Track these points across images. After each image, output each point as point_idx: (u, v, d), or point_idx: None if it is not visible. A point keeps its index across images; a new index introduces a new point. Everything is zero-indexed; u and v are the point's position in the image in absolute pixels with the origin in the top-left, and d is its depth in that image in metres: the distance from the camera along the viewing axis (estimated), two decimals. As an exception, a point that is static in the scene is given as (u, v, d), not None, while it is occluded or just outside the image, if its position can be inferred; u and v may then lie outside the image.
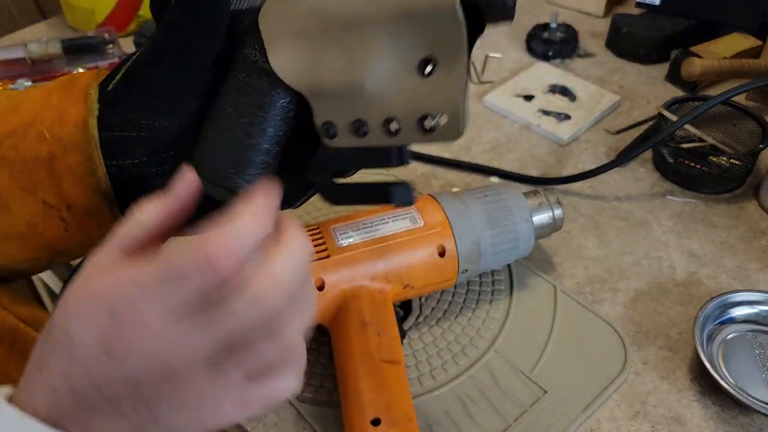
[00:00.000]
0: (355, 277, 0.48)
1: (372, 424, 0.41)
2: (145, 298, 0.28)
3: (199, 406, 0.30)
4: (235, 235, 0.29)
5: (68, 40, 0.84)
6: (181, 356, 0.29)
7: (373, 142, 0.35)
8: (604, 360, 0.51)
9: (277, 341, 0.30)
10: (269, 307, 0.29)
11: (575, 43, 0.87)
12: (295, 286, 0.30)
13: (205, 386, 0.29)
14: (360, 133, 0.35)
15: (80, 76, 0.41)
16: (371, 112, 0.35)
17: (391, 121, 0.34)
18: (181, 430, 0.30)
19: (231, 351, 0.29)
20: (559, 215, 0.55)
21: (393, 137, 0.34)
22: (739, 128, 0.69)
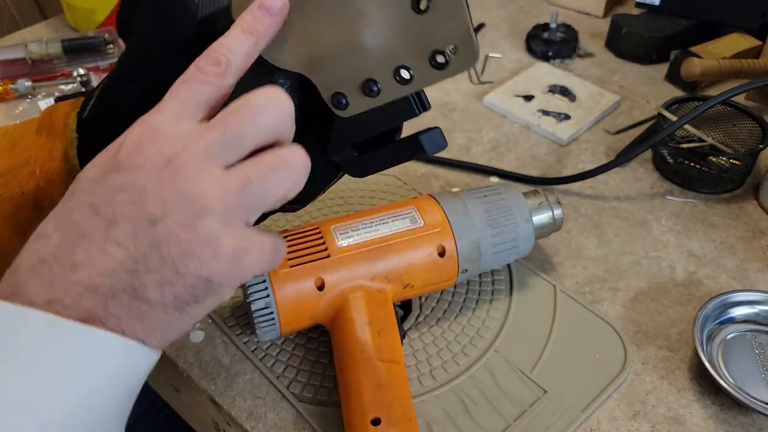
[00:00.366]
0: (355, 277, 0.48)
1: (372, 424, 0.41)
2: (155, 112, 0.32)
3: (206, 232, 0.31)
4: (217, 44, 0.33)
5: (68, 40, 0.84)
6: (190, 154, 0.31)
7: (388, 98, 0.34)
8: (604, 360, 0.51)
9: (276, 149, 0.32)
10: (266, 117, 0.32)
11: (575, 43, 0.87)
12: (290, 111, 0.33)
13: (210, 184, 0.31)
14: (373, 93, 0.34)
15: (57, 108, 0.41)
16: (378, 67, 0.34)
17: (401, 69, 0.33)
18: (198, 267, 0.31)
19: (230, 148, 0.31)
20: (559, 215, 0.55)
21: (408, 85, 0.33)
22: (738, 128, 0.69)
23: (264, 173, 0.31)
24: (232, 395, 0.49)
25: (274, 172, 0.32)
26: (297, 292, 0.46)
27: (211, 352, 0.51)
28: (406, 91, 0.34)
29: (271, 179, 0.31)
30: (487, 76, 0.84)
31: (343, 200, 0.64)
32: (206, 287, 0.31)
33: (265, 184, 0.31)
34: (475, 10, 0.98)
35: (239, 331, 0.53)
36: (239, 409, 0.48)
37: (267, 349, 0.51)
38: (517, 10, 0.98)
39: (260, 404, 0.48)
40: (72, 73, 0.81)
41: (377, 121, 0.36)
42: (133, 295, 0.30)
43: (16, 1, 1.11)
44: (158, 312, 0.31)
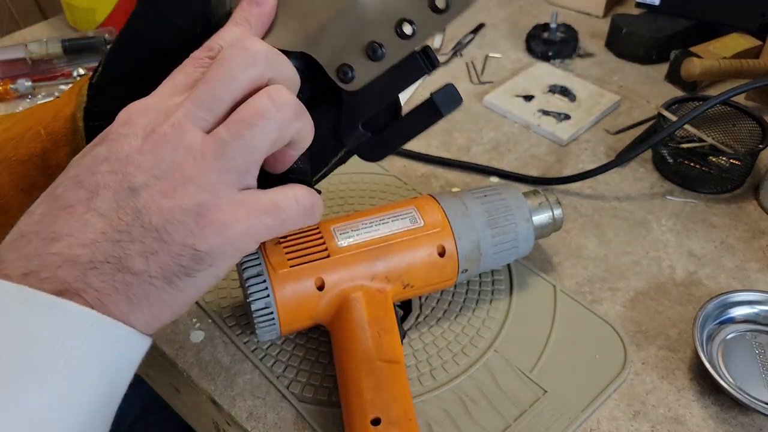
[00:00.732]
0: (355, 277, 0.48)
1: (372, 424, 0.41)
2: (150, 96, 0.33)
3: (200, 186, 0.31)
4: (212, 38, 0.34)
5: (68, 40, 0.84)
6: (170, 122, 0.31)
7: (395, 58, 0.33)
8: (604, 360, 0.51)
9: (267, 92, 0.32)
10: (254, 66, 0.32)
11: (575, 43, 0.87)
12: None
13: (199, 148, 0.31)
14: (378, 56, 0.33)
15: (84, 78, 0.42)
16: (378, 26, 0.32)
17: (403, 24, 0.32)
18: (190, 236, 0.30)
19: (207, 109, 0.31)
20: (559, 215, 0.55)
21: (411, 40, 0.32)
22: (738, 128, 0.69)
23: (237, 130, 0.31)
24: (232, 395, 0.49)
25: (249, 126, 0.31)
26: (297, 292, 0.46)
27: (211, 352, 0.51)
28: (412, 45, 0.33)
29: (247, 134, 0.31)
30: (487, 76, 0.84)
31: (343, 200, 0.64)
32: (194, 257, 0.30)
33: (243, 141, 0.31)
34: (475, 10, 0.98)
35: (239, 331, 0.53)
36: (239, 409, 0.48)
37: (267, 349, 0.51)
38: (517, 10, 0.98)
39: (260, 404, 0.48)
40: (72, 73, 0.81)
41: (387, 89, 0.34)
42: (116, 266, 0.29)
43: (16, 1, 1.11)
44: (144, 284, 0.30)
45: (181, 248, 0.30)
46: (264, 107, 0.31)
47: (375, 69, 0.33)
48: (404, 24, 0.32)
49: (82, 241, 0.29)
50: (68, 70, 0.83)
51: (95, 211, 0.30)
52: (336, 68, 0.33)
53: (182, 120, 0.31)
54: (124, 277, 0.30)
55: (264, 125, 0.31)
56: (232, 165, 0.31)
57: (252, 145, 0.31)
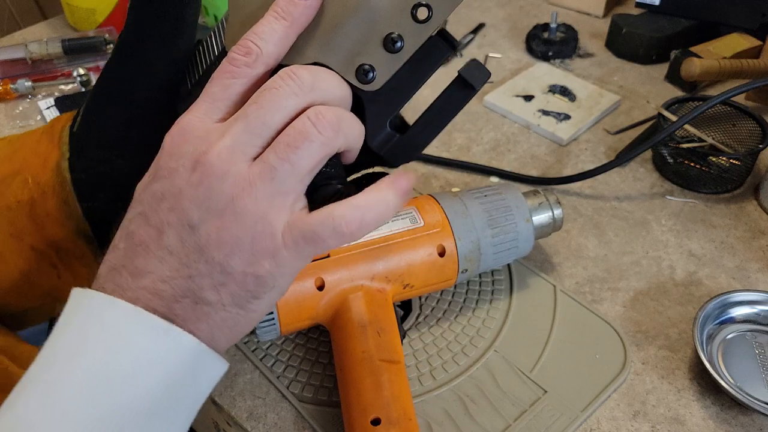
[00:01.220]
0: (355, 277, 0.48)
1: (372, 424, 0.41)
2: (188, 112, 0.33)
3: (255, 219, 0.31)
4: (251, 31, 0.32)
5: (68, 40, 0.84)
6: (216, 152, 0.31)
7: (413, 46, 0.32)
8: (604, 360, 0.51)
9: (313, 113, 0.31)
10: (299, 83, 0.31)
11: (575, 43, 0.87)
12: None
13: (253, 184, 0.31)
14: (396, 48, 0.32)
15: (60, 118, 0.42)
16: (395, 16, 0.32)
17: (418, 9, 0.31)
18: (247, 267, 0.31)
19: (255, 135, 0.31)
20: (559, 215, 0.55)
21: (429, 23, 0.31)
22: (738, 128, 0.69)
23: (284, 155, 0.31)
24: (232, 395, 0.49)
25: (294, 149, 0.31)
26: (297, 292, 0.46)
27: (211, 352, 0.51)
28: (430, 29, 0.32)
29: (293, 157, 0.31)
30: (487, 76, 0.84)
31: (343, 200, 0.64)
32: (258, 282, 0.32)
33: (290, 164, 0.31)
34: (475, 10, 0.98)
35: (239, 331, 0.53)
36: (239, 409, 0.48)
37: (267, 349, 0.51)
38: (517, 10, 0.98)
39: (260, 404, 0.48)
40: (72, 73, 0.81)
41: (412, 80, 0.33)
42: (194, 299, 0.31)
43: (16, 1, 1.11)
44: (220, 311, 0.32)
45: (243, 276, 0.31)
46: (307, 130, 0.31)
47: (396, 61, 0.32)
48: (419, 9, 0.31)
49: (162, 278, 0.31)
50: (68, 70, 0.83)
51: (166, 249, 0.31)
52: (354, 71, 0.33)
53: (228, 149, 0.31)
54: (202, 308, 0.32)
55: (308, 147, 0.31)
56: (281, 189, 0.31)
57: (299, 168, 0.31)
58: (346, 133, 0.32)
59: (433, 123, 0.35)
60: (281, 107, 0.31)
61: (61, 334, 0.31)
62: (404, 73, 0.33)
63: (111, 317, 0.31)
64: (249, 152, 0.31)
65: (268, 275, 0.32)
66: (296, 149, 0.31)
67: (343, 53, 0.32)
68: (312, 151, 0.31)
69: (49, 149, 0.40)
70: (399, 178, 0.32)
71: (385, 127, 0.34)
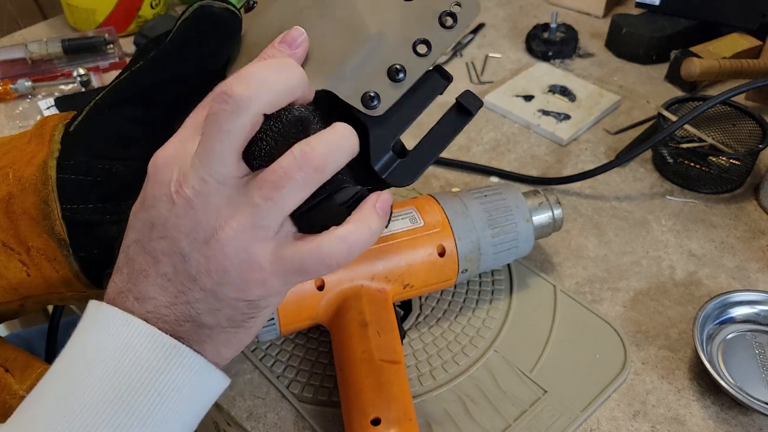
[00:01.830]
0: (355, 277, 0.48)
1: (372, 424, 0.41)
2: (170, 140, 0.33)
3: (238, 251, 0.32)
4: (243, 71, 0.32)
5: (68, 40, 0.84)
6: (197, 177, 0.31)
7: (414, 77, 0.35)
8: (604, 360, 0.51)
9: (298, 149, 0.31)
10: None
11: (575, 43, 0.87)
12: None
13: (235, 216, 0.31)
14: (399, 78, 0.35)
15: (50, 118, 0.41)
16: (398, 50, 0.35)
17: (417, 45, 0.34)
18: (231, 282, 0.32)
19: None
20: (559, 215, 0.55)
21: (429, 56, 0.35)
22: (738, 128, 0.69)
23: (268, 194, 0.31)
24: (232, 395, 0.49)
25: (279, 189, 0.31)
26: (297, 292, 0.46)
27: (211, 352, 0.51)
28: (429, 62, 0.35)
29: (276, 196, 0.31)
30: (487, 76, 0.84)
31: (343, 200, 0.64)
32: (250, 305, 0.33)
33: (273, 203, 0.31)
34: (475, 10, 0.98)
35: (239, 331, 0.53)
36: (239, 409, 0.48)
37: (267, 349, 0.51)
38: (517, 10, 0.98)
39: (260, 404, 0.48)
40: (72, 73, 0.81)
41: (412, 108, 0.36)
42: (195, 324, 0.33)
43: (16, 1, 1.11)
44: (219, 333, 0.33)
45: (236, 302, 0.33)
46: (291, 171, 0.31)
47: (398, 90, 0.35)
48: (419, 45, 0.35)
49: (164, 304, 0.32)
50: (68, 70, 0.83)
51: (164, 276, 0.32)
52: (360, 97, 0.35)
53: (200, 182, 0.31)
54: (204, 330, 0.33)
55: (291, 187, 0.31)
56: (263, 224, 0.32)
57: (282, 205, 0.32)
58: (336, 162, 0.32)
59: (433, 145, 0.38)
60: (225, 133, 0.31)
61: (77, 344, 0.33)
62: (405, 102, 0.36)
63: (125, 333, 0.32)
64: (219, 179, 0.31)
65: (260, 299, 0.33)
66: (280, 189, 0.31)
67: (350, 82, 0.35)
68: (295, 190, 0.31)
69: (38, 148, 0.39)
70: (381, 201, 0.34)
71: (388, 151, 0.36)
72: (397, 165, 0.37)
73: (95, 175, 0.39)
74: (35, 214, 0.39)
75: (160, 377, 0.32)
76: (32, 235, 0.39)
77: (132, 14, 0.91)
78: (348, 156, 0.33)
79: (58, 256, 0.40)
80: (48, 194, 0.38)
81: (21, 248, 0.40)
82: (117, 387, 0.31)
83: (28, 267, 0.40)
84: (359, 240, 0.33)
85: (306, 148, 0.31)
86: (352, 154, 0.33)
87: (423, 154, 0.38)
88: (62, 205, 0.38)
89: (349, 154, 0.33)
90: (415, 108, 0.36)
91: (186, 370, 0.32)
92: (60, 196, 0.38)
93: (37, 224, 0.39)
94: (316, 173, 0.31)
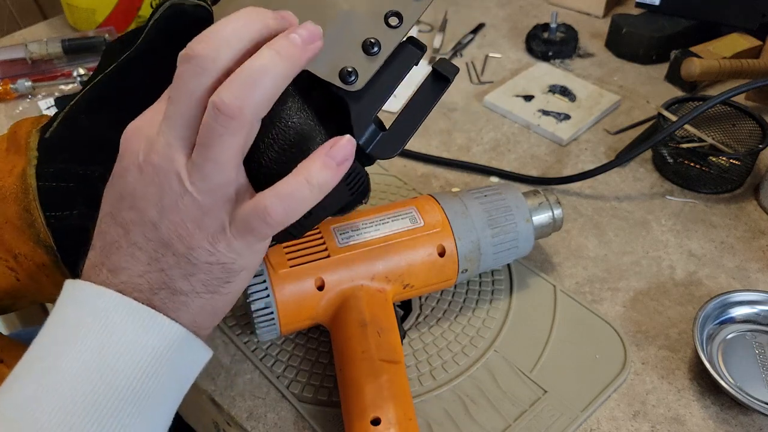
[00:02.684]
0: (355, 277, 0.48)
1: (372, 424, 0.41)
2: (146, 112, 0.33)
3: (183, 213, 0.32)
4: (205, 31, 0.31)
5: (68, 40, 0.84)
6: (158, 149, 0.31)
7: (389, 49, 0.35)
8: (604, 360, 0.51)
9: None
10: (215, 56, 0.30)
11: (575, 43, 0.87)
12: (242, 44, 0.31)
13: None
14: (373, 52, 0.35)
15: (22, 123, 0.41)
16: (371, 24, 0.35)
17: (389, 17, 0.35)
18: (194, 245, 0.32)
19: (177, 127, 0.31)
20: (559, 215, 0.55)
21: (401, 27, 0.35)
22: (738, 128, 0.69)
23: (204, 155, 0.31)
24: (232, 395, 0.49)
25: (209, 148, 0.30)
26: (297, 292, 0.46)
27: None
28: (402, 33, 0.35)
29: (211, 155, 0.31)
30: (487, 76, 0.84)
31: (343, 200, 0.64)
32: (224, 269, 0.33)
33: (214, 161, 0.31)
34: (475, 10, 0.98)
35: (239, 331, 0.53)
36: (239, 409, 0.48)
37: (267, 349, 0.51)
38: (517, 10, 0.98)
39: (260, 404, 0.48)
40: (72, 73, 0.81)
41: (389, 81, 0.37)
42: (170, 290, 0.33)
43: (16, 1, 1.11)
44: (196, 299, 0.33)
45: (208, 266, 0.33)
46: (211, 127, 0.30)
47: (374, 63, 0.35)
48: (391, 17, 0.35)
49: (138, 273, 0.32)
50: (68, 70, 0.83)
51: (135, 245, 0.32)
52: (338, 74, 0.35)
53: (165, 147, 0.31)
54: (179, 297, 0.33)
55: (220, 141, 0.30)
56: (217, 184, 0.32)
57: (223, 161, 0.31)
58: (254, 103, 0.30)
59: (415, 115, 0.38)
60: (189, 94, 0.31)
61: (55, 322, 0.33)
62: (382, 75, 0.36)
63: (101, 306, 0.32)
64: (183, 145, 0.31)
65: (232, 262, 0.33)
66: (210, 147, 0.31)
67: (326, 59, 0.35)
68: (226, 143, 0.31)
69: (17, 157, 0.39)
70: (336, 147, 0.32)
71: (370, 125, 0.37)
72: (381, 138, 0.38)
73: (77, 181, 0.39)
74: (19, 224, 0.39)
75: (138, 347, 0.32)
76: (18, 243, 0.39)
77: (132, 14, 0.91)
78: (267, 91, 0.31)
79: (47, 262, 0.40)
80: (30, 203, 0.38)
81: (8, 255, 0.40)
82: (95, 361, 0.31)
83: (17, 272, 0.40)
84: (294, 194, 0.31)
85: (215, 99, 0.30)
86: (271, 88, 0.31)
87: (405, 125, 0.38)
88: (47, 213, 0.38)
89: (266, 89, 0.30)
90: (392, 80, 0.37)
91: (164, 338, 0.32)
92: (43, 204, 0.38)
93: (22, 233, 0.39)
94: (233, 120, 0.30)
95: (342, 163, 0.32)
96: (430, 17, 0.96)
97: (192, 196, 0.31)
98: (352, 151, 0.33)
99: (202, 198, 0.31)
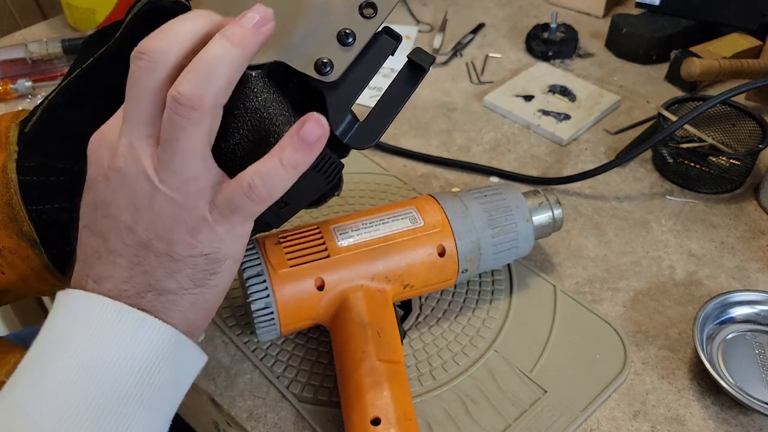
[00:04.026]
0: (355, 277, 0.48)
1: (372, 424, 0.41)
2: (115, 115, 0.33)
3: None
4: (158, 30, 0.31)
5: (68, 40, 0.84)
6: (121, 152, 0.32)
7: (364, 40, 0.35)
8: (604, 360, 0.51)
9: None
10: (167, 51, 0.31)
11: (575, 43, 0.87)
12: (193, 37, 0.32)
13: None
14: (348, 43, 0.35)
15: (1, 119, 0.41)
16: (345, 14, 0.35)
17: (364, 8, 0.35)
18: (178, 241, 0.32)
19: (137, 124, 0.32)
20: (559, 215, 0.55)
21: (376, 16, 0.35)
22: (738, 128, 0.69)
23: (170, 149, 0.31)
24: (232, 395, 0.49)
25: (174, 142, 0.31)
26: (297, 292, 0.46)
27: (211, 352, 0.51)
28: (376, 24, 0.35)
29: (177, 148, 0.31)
30: (487, 76, 0.84)
31: (343, 200, 0.64)
32: (209, 260, 0.33)
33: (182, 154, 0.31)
34: (475, 10, 0.98)
35: (239, 331, 0.53)
36: (239, 409, 0.48)
37: (267, 349, 0.51)
38: (517, 10, 0.98)
39: (260, 404, 0.48)
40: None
41: (365, 71, 0.37)
42: (157, 292, 0.33)
43: (16, 1, 1.11)
44: (185, 296, 0.33)
45: (192, 259, 0.33)
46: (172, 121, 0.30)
47: (350, 54, 0.35)
48: (366, 7, 0.35)
49: (122, 279, 0.32)
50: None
51: (114, 253, 0.33)
52: (313, 65, 0.35)
53: (128, 149, 0.32)
54: (167, 297, 0.33)
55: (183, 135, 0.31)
56: (188, 176, 0.32)
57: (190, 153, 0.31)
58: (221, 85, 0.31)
59: (391, 105, 0.38)
60: (145, 90, 0.31)
61: (49, 330, 0.33)
62: (358, 65, 0.36)
63: (91, 312, 0.32)
64: (147, 145, 0.32)
65: (215, 251, 0.33)
66: (175, 141, 0.31)
67: (301, 51, 0.35)
68: (190, 135, 0.31)
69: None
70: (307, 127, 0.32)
71: (347, 115, 0.37)
72: (357, 127, 0.38)
73: (57, 175, 0.39)
74: (1, 218, 0.39)
75: (130, 350, 0.32)
76: (2, 237, 0.39)
77: (132, 14, 0.90)
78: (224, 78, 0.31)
79: (31, 255, 0.40)
80: (11, 197, 0.38)
81: None
82: (88, 366, 0.31)
83: (2, 267, 0.40)
84: (271, 173, 0.32)
85: (174, 92, 0.30)
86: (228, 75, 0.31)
87: (382, 115, 0.38)
88: (29, 207, 0.38)
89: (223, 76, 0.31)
90: (368, 70, 0.37)
91: (156, 341, 0.32)
92: (24, 197, 0.38)
93: (5, 227, 0.39)
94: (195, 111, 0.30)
95: (314, 144, 0.32)
96: (430, 17, 0.96)
97: (164, 193, 0.32)
98: (324, 131, 0.32)
99: (174, 194, 0.32)
